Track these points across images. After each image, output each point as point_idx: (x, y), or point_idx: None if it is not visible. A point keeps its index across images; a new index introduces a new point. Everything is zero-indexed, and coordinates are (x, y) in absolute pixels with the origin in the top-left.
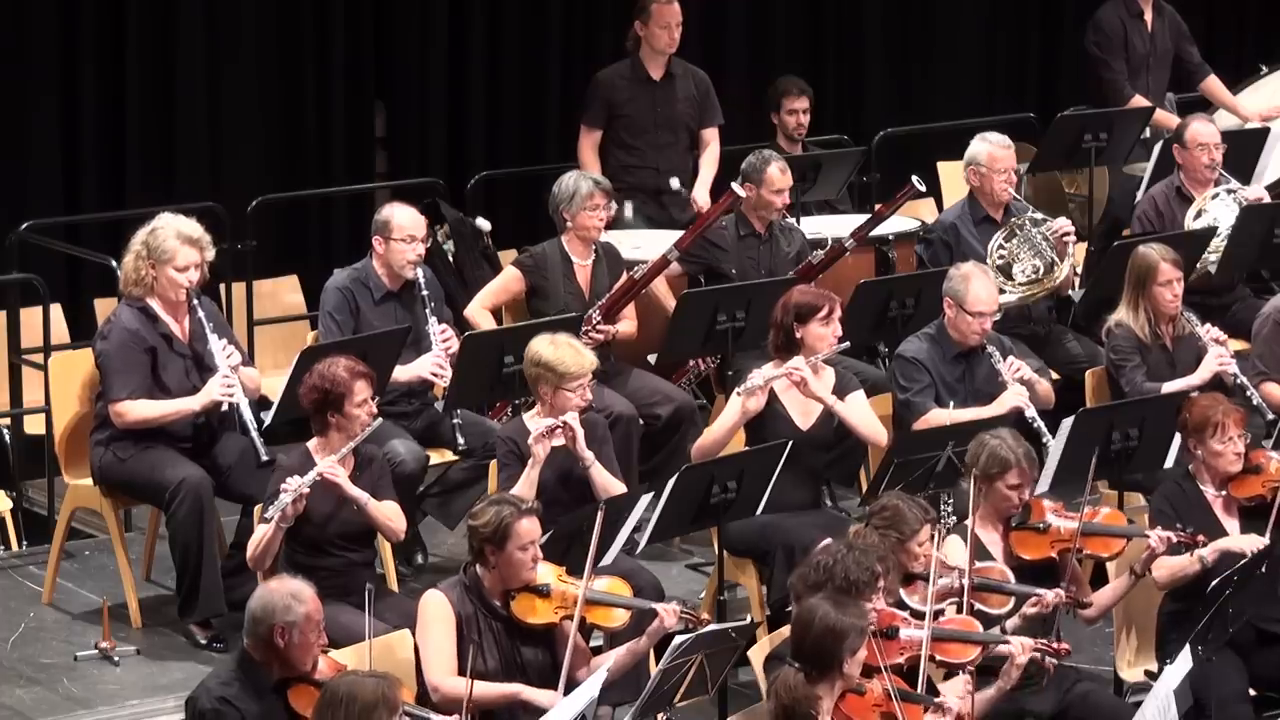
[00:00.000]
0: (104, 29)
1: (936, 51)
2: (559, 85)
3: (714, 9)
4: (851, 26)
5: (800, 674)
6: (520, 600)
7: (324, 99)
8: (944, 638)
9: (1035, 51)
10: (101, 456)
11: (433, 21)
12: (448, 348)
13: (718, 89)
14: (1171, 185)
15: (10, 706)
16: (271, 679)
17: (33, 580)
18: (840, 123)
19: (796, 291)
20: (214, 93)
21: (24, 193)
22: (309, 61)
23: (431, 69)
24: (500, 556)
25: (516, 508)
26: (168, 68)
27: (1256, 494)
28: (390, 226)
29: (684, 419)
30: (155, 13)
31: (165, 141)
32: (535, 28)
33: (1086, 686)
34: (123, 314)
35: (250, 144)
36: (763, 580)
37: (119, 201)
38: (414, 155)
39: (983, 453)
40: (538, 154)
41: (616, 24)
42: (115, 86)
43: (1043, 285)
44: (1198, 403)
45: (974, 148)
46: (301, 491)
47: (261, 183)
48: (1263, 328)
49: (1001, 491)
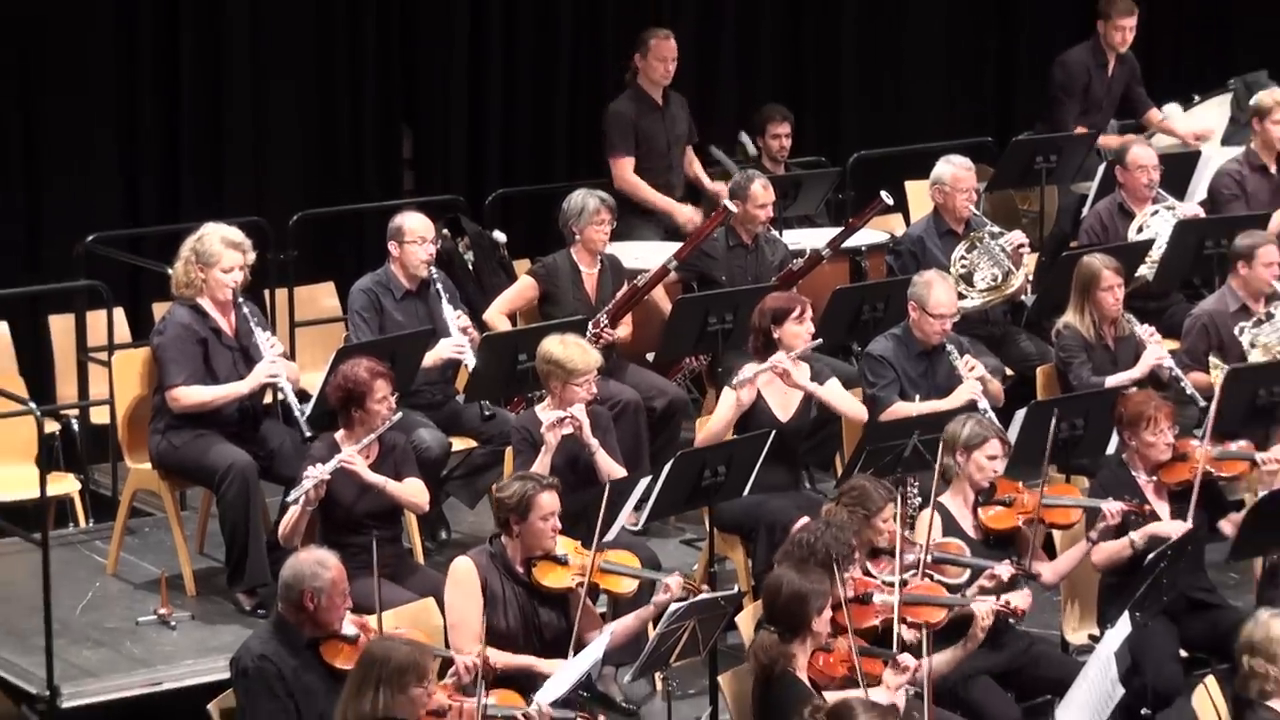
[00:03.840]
0: (160, 60)
1: (904, 82)
2: (566, 112)
3: (706, 44)
4: (829, 60)
5: (774, 635)
6: (540, 567)
7: (357, 124)
8: (914, 601)
9: (993, 83)
10: (159, 444)
11: (454, 55)
12: (465, 329)
13: (709, 116)
14: (1114, 202)
15: (79, 665)
16: (304, 637)
17: (98, 554)
18: (818, 146)
19: (770, 298)
20: (259, 118)
21: (89, 207)
22: (344, 91)
23: (453, 98)
24: (523, 526)
25: (538, 483)
26: (217, 95)
27: (1183, 479)
28: (403, 231)
29: (678, 410)
30: (206, 46)
31: (215, 162)
32: (546, 60)
33: (1038, 648)
34: (176, 311)
35: (291, 164)
36: (749, 554)
37: (174, 215)
38: (437, 174)
39: (963, 430)
40: (548, 173)
41: (617, 56)
42: (170, 112)
43: (1000, 292)
44: (1132, 399)
45: (938, 169)
46: (322, 478)
47: (301, 199)
48: (1192, 327)
49: (979, 462)
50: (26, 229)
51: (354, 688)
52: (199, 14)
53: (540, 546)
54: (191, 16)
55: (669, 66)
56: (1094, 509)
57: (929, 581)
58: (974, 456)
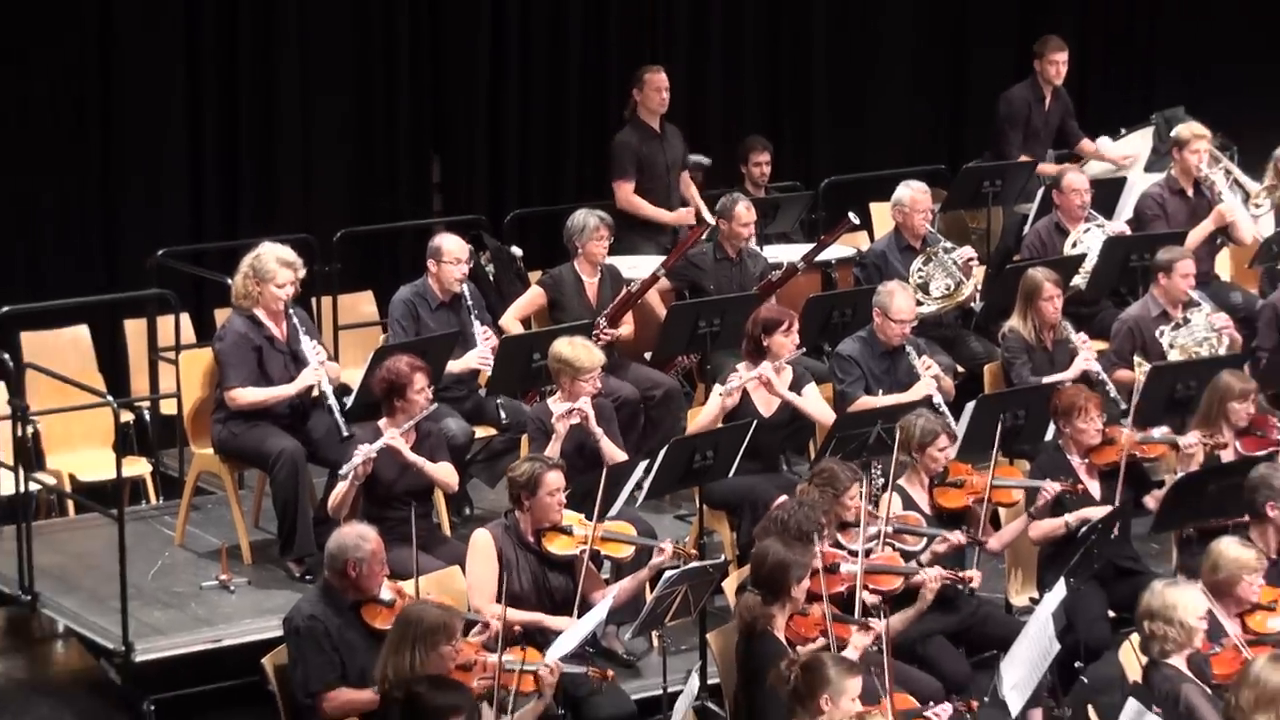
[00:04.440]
0: (222, 95)
1: (869, 116)
2: (574, 143)
3: (695, 84)
4: (802, 97)
5: (758, 597)
6: (548, 536)
7: (392, 153)
8: (874, 571)
9: (947, 117)
10: (219, 432)
11: (477, 93)
12: (490, 344)
13: (700, 147)
14: (1051, 221)
15: (150, 624)
16: (348, 601)
17: (167, 527)
18: (794, 172)
19: (764, 309)
20: (307, 147)
21: (159, 225)
22: (381, 123)
23: (476, 130)
24: (533, 501)
25: (545, 463)
26: (270, 129)
27: (1111, 461)
28: (441, 252)
29: (672, 400)
30: (260, 84)
31: (269, 186)
32: (556, 98)
33: (985, 610)
34: (234, 321)
35: (335, 188)
36: (734, 528)
37: (233, 232)
38: (463, 197)
39: (915, 429)
40: (558, 196)
41: (618, 95)
42: (230, 141)
43: (952, 299)
44: (1066, 392)
45: (899, 192)
46: (370, 456)
47: (344, 218)
48: (1119, 330)
49: (932, 454)
50: (105, 245)
51: (392, 646)
52: (255, 54)
53: (548, 519)
54: (249, 57)
55: (663, 96)
56: (1034, 489)
57: (889, 552)
58: (927, 450)
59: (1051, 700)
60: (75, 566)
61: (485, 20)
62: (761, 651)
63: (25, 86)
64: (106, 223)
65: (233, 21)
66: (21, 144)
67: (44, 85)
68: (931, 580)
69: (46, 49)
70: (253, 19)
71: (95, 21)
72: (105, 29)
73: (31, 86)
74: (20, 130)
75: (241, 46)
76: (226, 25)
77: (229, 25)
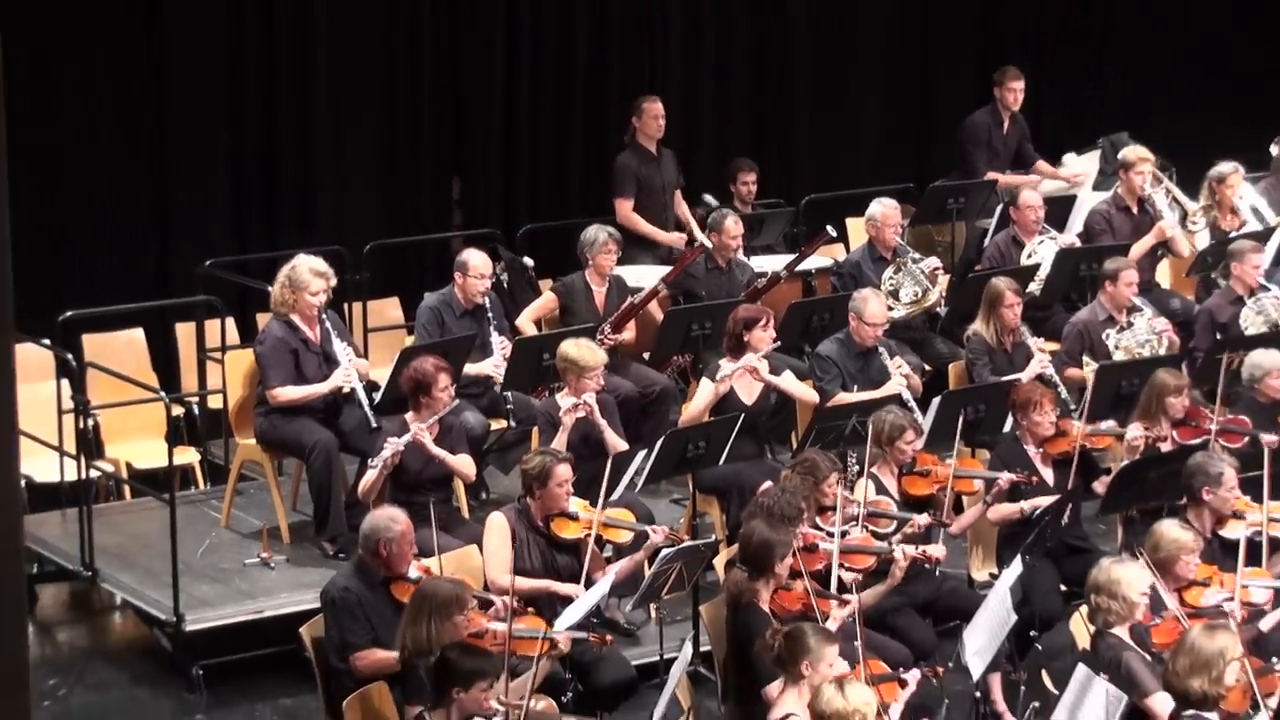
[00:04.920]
0: (261, 119)
1: (845, 140)
2: (580, 164)
3: (689, 111)
4: (785, 123)
5: (745, 573)
6: (556, 522)
7: (417, 173)
8: (849, 550)
9: (915, 140)
10: (261, 424)
11: (492, 120)
12: (505, 353)
13: (693, 168)
14: (1009, 235)
15: (198, 597)
16: (379, 577)
17: (214, 510)
18: (778, 190)
19: (742, 309)
20: (339, 167)
21: (206, 238)
22: (406, 146)
23: (492, 153)
24: (544, 491)
25: (555, 457)
26: (306, 152)
27: (1064, 450)
28: (468, 266)
29: (668, 396)
30: (297, 109)
31: (305, 201)
32: (564, 124)
33: (949, 584)
34: (273, 325)
35: (365, 204)
36: (723, 510)
37: (273, 244)
38: (480, 212)
39: (885, 425)
40: (566, 212)
41: (619, 119)
42: (270, 161)
43: (920, 305)
44: (1022, 388)
45: (872, 208)
46: (398, 449)
47: (373, 232)
48: (1070, 333)
49: (900, 447)
50: (158, 255)
51: (410, 618)
52: (293, 83)
53: (556, 507)
54: (288, 86)
55: (660, 122)
56: (991, 479)
57: (864, 533)
58: (896, 444)
59: (1009, 665)
60: (131, 545)
61: (500, 55)
62: (748, 622)
63: (90, 115)
64: (160, 235)
65: (271, 54)
66: (85, 165)
67: (107, 113)
68: (901, 558)
69: (109, 81)
70: (290, 52)
71: (152, 58)
72: (159, 67)
73: (95, 114)
74: (85, 154)
75: (280, 76)
76: (265, 57)
77: (268, 57)
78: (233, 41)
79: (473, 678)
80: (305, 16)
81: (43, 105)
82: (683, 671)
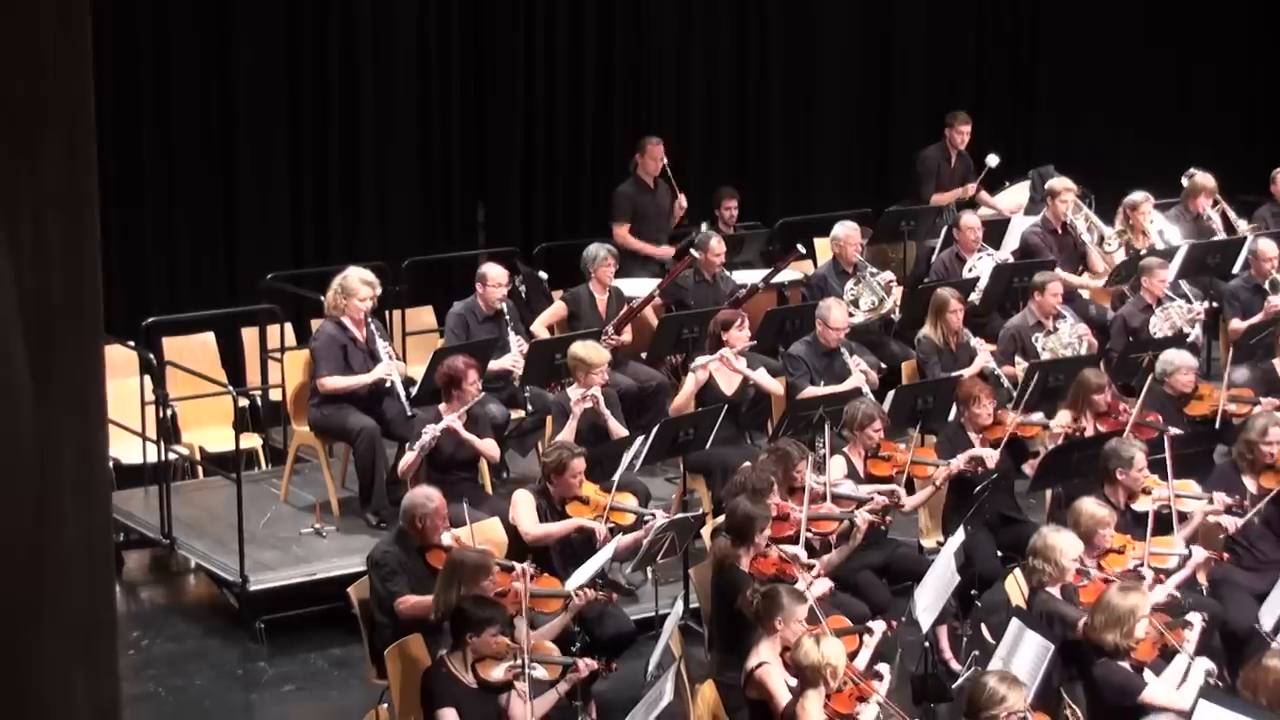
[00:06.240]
0: (317, 150)
1: (814, 171)
2: (589, 192)
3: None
4: (761, 156)
5: (729, 541)
6: (571, 505)
7: (448, 198)
8: (816, 518)
9: (873, 172)
10: (314, 414)
11: (513, 152)
12: (523, 351)
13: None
14: (953, 252)
15: (261, 562)
16: (415, 544)
17: (274, 487)
18: (756, 214)
19: (721, 313)
20: (380, 194)
21: (268, 253)
22: (439, 174)
23: (512, 181)
24: (560, 480)
25: (571, 451)
26: (356, 181)
27: (999, 436)
28: (487, 277)
29: (663, 390)
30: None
31: (352, 222)
32: (575, 157)
33: (902, 550)
34: (326, 325)
35: (404, 225)
36: (709, 488)
37: (325, 259)
38: (501, 233)
39: (857, 414)
40: (576, 232)
41: (622, 152)
42: (322, 186)
43: (877, 312)
44: (965, 384)
45: (836, 229)
46: (435, 434)
47: (411, 249)
48: (1005, 336)
49: (869, 433)
50: (227, 269)
51: (442, 583)
52: (342, 119)
53: (570, 494)
54: (339, 120)
55: (659, 162)
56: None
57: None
58: (865, 430)
59: (954, 620)
60: (203, 517)
61: (520, 96)
62: (730, 582)
63: (166, 147)
64: (229, 253)
65: (324, 99)
66: (165, 187)
67: (180, 142)
68: (860, 524)
69: (183, 115)
70: (340, 97)
71: (222, 105)
72: (225, 111)
73: (171, 145)
74: (163, 178)
75: (331, 117)
76: (320, 102)
77: (322, 102)
78: (292, 89)
79: (484, 624)
80: (350, 66)
81: (128, 142)
82: (675, 625)
